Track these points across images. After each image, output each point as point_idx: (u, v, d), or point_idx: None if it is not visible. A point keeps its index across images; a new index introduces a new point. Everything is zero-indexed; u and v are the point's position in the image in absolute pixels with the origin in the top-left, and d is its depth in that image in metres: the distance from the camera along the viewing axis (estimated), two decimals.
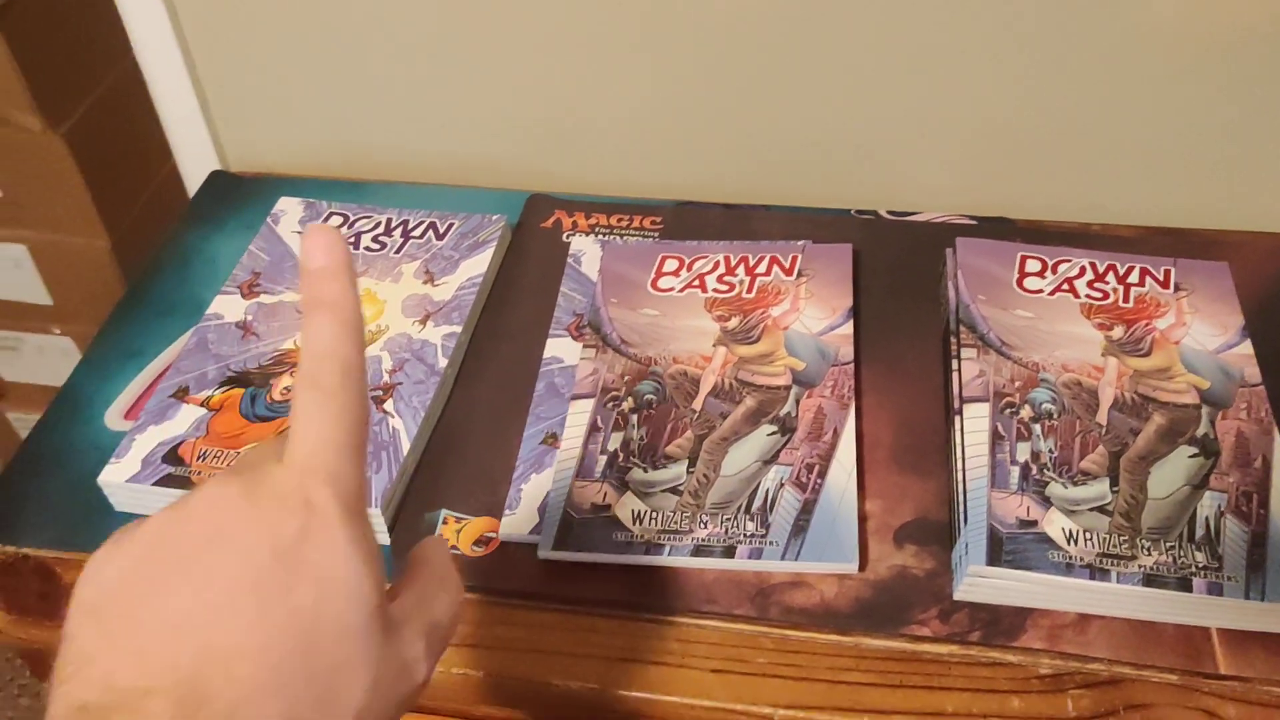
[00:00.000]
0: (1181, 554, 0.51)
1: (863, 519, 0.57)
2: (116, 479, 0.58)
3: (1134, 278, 0.64)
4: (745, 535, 0.55)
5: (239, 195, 0.79)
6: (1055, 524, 0.53)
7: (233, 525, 0.29)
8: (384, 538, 0.57)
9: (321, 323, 0.32)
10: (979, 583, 0.52)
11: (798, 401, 0.61)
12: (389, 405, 0.61)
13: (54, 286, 1.28)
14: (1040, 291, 0.64)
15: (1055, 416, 0.58)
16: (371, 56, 0.79)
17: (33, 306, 1.30)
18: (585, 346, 0.65)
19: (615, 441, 0.59)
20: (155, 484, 0.57)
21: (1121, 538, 0.52)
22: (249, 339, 0.65)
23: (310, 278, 0.33)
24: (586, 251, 0.71)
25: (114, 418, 0.64)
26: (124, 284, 1.21)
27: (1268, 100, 0.70)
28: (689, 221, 0.75)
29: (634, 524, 0.56)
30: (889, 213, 0.75)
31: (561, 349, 0.65)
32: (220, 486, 0.30)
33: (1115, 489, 0.54)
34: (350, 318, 0.32)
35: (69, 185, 1.14)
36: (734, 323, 0.65)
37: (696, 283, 0.68)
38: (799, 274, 0.67)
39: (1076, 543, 0.52)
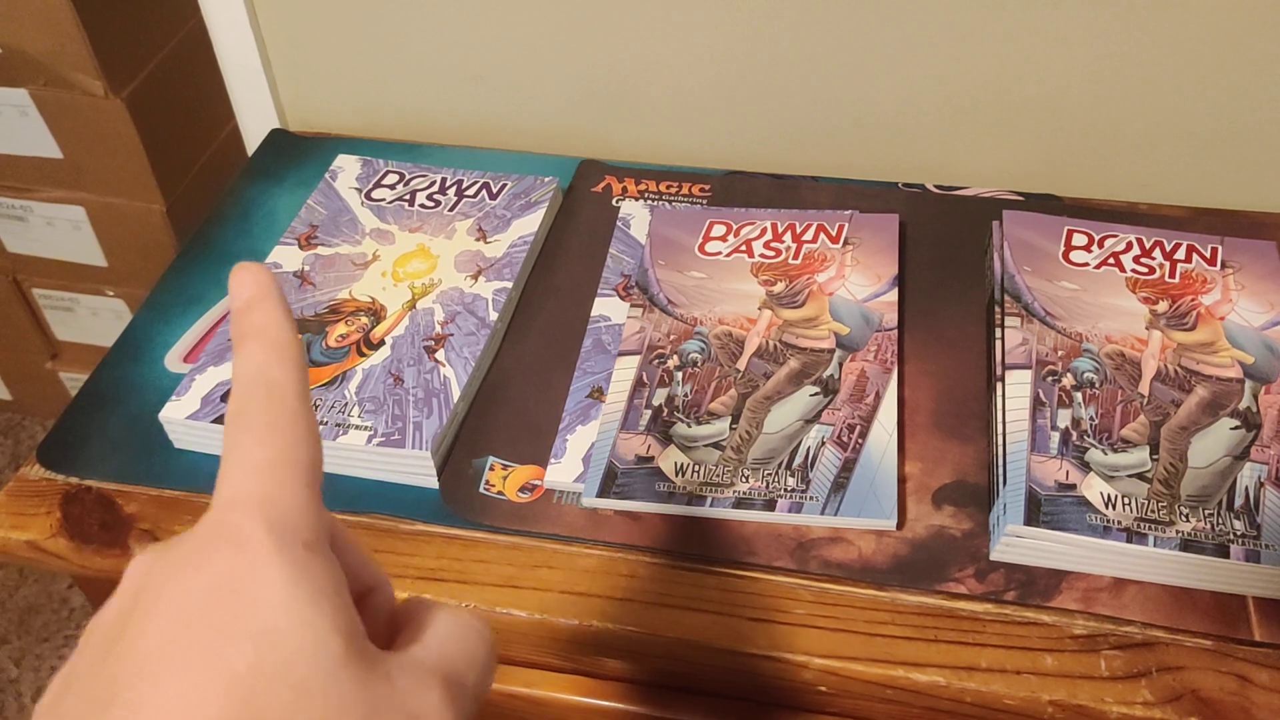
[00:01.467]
0: (1220, 521, 0.52)
1: (902, 480, 0.58)
2: (177, 416, 0.60)
3: (1180, 254, 0.65)
4: (786, 490, 0.56)
5: (297, 153, 0.81)
6: (1094, 488, 0.53)
7: (148, 589, 0.25)
8: (433, 481, 0.58)
9: (247, 350, 0.28)
10: (1016, 543, 0.53)
11: (841, 365, 0.61)
12: (440, 355, 0.62)
13: (109, 249, 1.31)
14: (1086, 265, 0.64)
15: (1097, 385, 0.58)
16: (431, 21, 0.80)
17: (88, 268, 1.33)
18: (632, 306, 0.66)
19: (660, 397, 0.61)
20: (214, 421, 0.59)
21: (1160, 504, 0.53)
22: (306, 288, 0.67)
23: (236, 314, 0.29)
24: (635, 215, 0.73)
25: (174, 360, 0.66)
26: (176, 247, 1.24)
27: None
28: (737, 190, 0.76)
29: (676, 476, 0.57)
30: (936, 187, 0.75)
31: (609, 308, 0.67)
32: (143, 552, 0.26)
33: (1155, 457, 0.55)
34: (278, 339, 0.29)
35: (127, 149, 1.17)
36: (779, 287, 0.66)
37: (743, 248, 0.69)
38: (845, 242, 0.68)
39: (1115, 507, 0.53)
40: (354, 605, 0.26)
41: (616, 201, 0.75)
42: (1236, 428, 0.56)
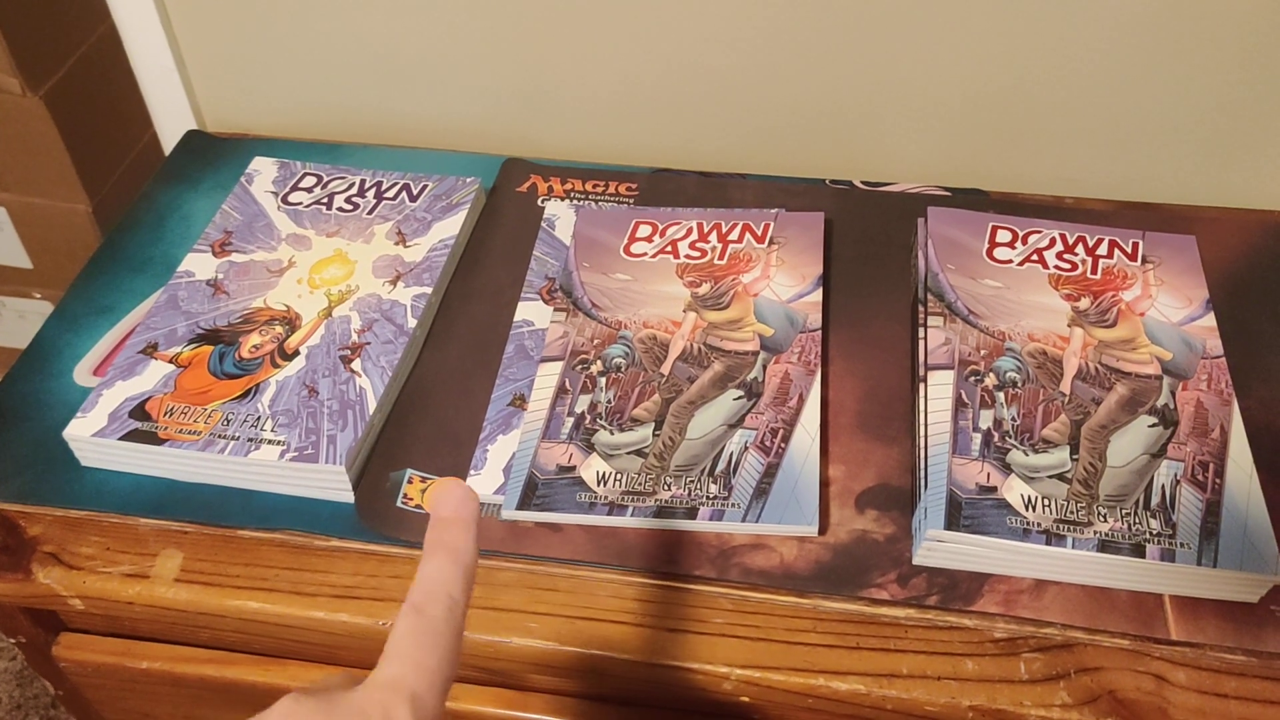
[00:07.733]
0: (1136, 521, 0.52)
1: (825, 484, 0.57)
2: (82, 433, 0.58)
3: (1103, 249, 0.65)
4: (708, 497, 0.55)
5: (214, 155, 0.79)
6: (1014, 490, 0.53)
7: None
8: (348, 495, 0.57)
9: (441, 561, 0.35)
10: (937, 547, 0.53)
11: (765, 367, 0.61)
12: (356, 364, 0.61)
13: (34, 250, 1.27)
14: (1010, 262, 0.64)
15: (1019, 385, 0.58)
16: (349, 19, 0.78)
17: (12, 270, 1.29)
18: (556, 310, 0.65)
19: (583, 404, 0.60)
20: (121, 439, 0.57)
21: (1079, 504, 0.53)
22: (219, 297, 0.65)
23: (438, 524, 0.36)
24: (561, 216, 0.72)
25: (83, 374, 0.64)
26: None
27: (1239, 79, 0.70)
28: (664, 189, 0.75)
29: (598, 485, 0.56)
30: (863, 183, 0.75)
31: (532, 312, 0.65)
32: (295, 703, 0.31)
33: (1075, 457, 0.55)
34: (468, 565, 0.35)
35: (49, 148, 1.13)
36: (705, 288, 0.65)
37: (669, 248, 0.68)
38: (771, 241, 0.68)
39: (1034, 509, 0.52)
40: None
41: (542, 201, 0.74)
42: (1154, 425, 0.56)
